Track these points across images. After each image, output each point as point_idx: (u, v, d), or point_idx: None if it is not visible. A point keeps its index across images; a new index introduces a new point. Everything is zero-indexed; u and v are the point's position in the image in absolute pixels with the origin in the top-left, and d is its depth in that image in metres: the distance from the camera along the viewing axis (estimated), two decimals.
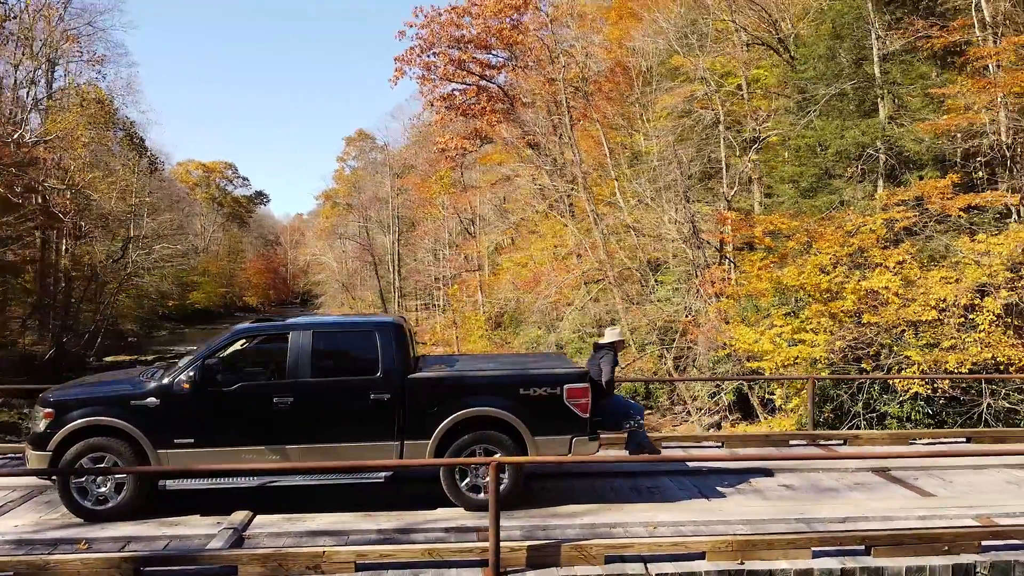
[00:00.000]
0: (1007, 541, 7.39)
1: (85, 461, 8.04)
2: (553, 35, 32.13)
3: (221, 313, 77.46)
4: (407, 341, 8.66)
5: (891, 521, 7.98)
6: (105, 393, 8.32)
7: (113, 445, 8.04)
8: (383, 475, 8.24)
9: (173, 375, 8.23)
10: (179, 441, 8.07)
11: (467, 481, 8.33)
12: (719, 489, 9.26)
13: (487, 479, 8.31)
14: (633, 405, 9.46)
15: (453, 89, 38.75)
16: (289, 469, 7.85)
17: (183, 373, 8.18)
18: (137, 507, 8.11)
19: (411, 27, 37.15)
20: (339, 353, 8.57)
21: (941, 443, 11.53)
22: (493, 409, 8.23)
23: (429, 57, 37.30)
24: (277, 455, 8.13)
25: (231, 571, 6.71)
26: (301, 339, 8.32)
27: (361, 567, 6.82)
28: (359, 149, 73.55)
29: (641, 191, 28.41)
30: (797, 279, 18.93)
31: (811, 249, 19.56)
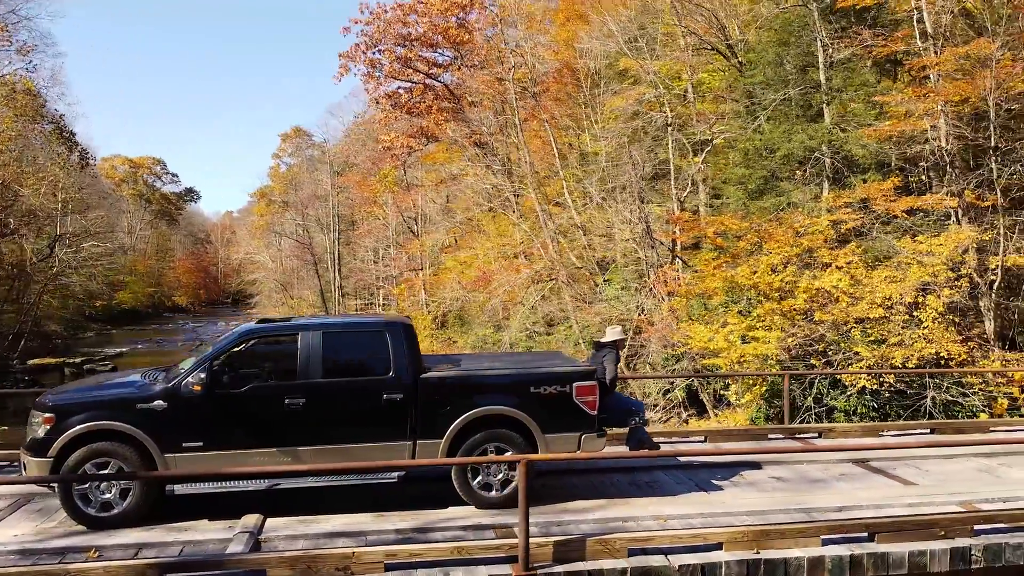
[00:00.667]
0: (994, 525, 7.87)
1: (88, 467, 7.81)
2: (502, 33, 32.27)
3: (149, 313, 75.16)
4: (416, 341, 8.68)
5: (884, 509, 8.40)
6: (109, 396, 8.10)
7: (118, 450, 7.83)
8: (396, 475, 8.25)
9: (181, 377, 8.06)
10: (188, 445, 7.92)
11: (479, 479, 8.40)
12: (714, 482, 9.56)
13: (498, 477, 8.46)
14: (634, 402, 9.70)
15: (399, 87, 38.57)
16: (305, 471, 7.77)
17: (191, 375, 8.03)
18: (143, 513, 7.93)
19: (357, 24, 36.85)
20: (350, 353, 8.51)
21: (909, 434, 12.12)
22: (506, 408, 8.33)
23: (374, 54, 37.04)
24: (289, 457, 8.06)
25: (259, 575, 6.65)
26: (311, 339, 8.26)
27: (391, 567, 6.83)
28: (295, 146, 72.33)
29: (592, 191, 28.84)
30: (751, 278, 19.51)
31: (762, 249, 20.16)
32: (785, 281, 18.81)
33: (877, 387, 17.60)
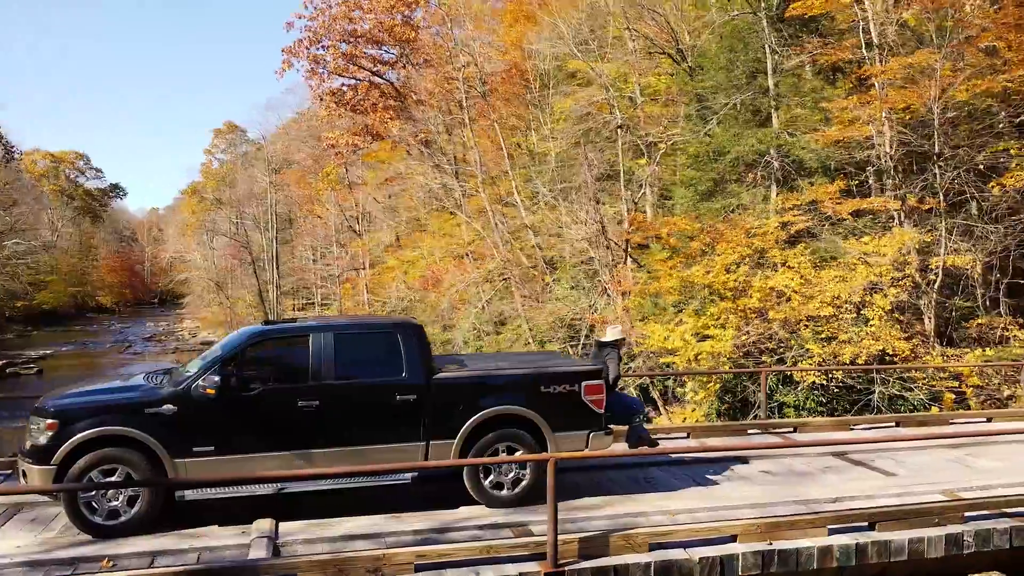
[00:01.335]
0: (980, 512, 8.36)
1: (95, 474, 7.58)
2: (450, 31, 32.26)
3: (72, 314, 72.18)
4: (427, 342, 8.70)
5: (875, 499, 8.81)
6: (115, 400, 7.85)
7: (125, 456, 7.62)
8: (409, 476, 8.25)
9: (191, 380, 7.89)
10: (199, 449, 7.76)
11: (491, 479, 8.47)
12: (709, 477, 9.86)
13: (509, 476, 8.55)
14: (635, 401, 9.90)
15: (343, 84, 38.09)
16: (330, 473, 7.69)
17: (201, 378, 7.86)
18: (152, 520, 7.73)
19: (300, 19, 36.24)
20: (362, 355, 8.44)
21: (877, 428, 12.69)
22: (517, 407, 8.42)
23: (318, 50, 36.50)
24: (303, 460, 7.97)
25: None
26: (323, 341, 8.18)
27: (420, 567, 6.85)
28: (229, 142, 70.52)
29: (542, 191, 29.08)
30: (705, 278, 20.04)
31: (714, 250, 20.70)
32: (739, 280, 19.38)
33: (825, 383, 18.33)
